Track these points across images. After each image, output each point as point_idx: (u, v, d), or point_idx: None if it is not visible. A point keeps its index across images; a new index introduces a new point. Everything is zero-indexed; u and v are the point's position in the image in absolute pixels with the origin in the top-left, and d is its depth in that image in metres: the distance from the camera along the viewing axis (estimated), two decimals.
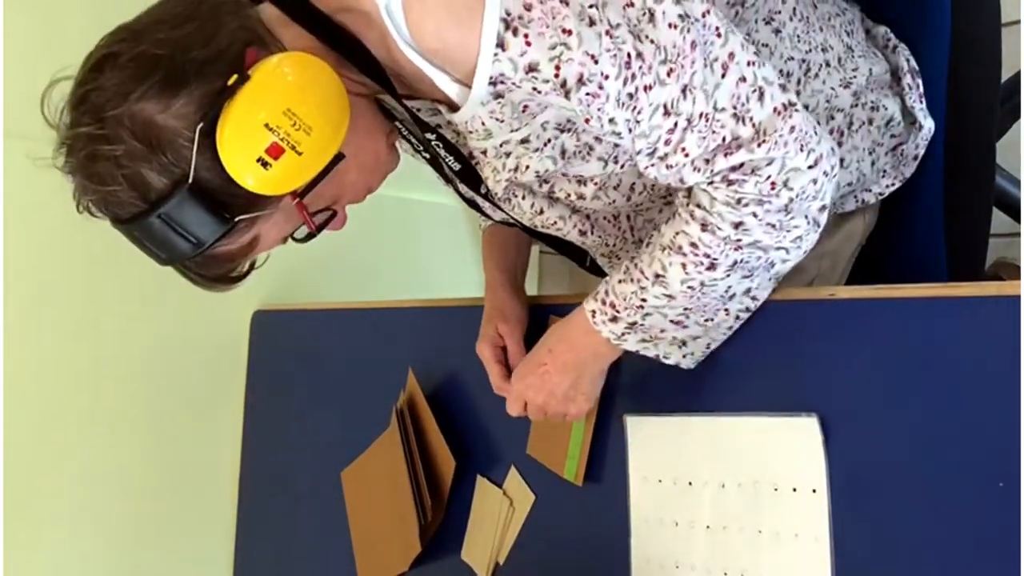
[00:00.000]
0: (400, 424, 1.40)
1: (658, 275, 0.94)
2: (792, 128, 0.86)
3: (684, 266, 0.92)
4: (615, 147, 0.92)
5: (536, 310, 1.23)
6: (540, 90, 0.82)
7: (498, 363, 1.19)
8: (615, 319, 1.00)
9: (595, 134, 0.90)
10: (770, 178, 0.87)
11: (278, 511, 1.69)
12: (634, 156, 0.89)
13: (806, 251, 0.95)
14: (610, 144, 0.92)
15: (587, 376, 1.09)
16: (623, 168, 0.95)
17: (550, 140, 0.91)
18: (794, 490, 0.98)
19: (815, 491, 0.96)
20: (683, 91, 0.83)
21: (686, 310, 0.98)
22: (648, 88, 0.82)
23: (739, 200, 0.88)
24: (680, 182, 0.89)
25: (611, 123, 0.84)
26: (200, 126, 0.81)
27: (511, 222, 1.09)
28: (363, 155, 0.93)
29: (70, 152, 0.84)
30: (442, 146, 0.96)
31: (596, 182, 0.96)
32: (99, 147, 0.81)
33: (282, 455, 1.69)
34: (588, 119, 0.84)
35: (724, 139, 0.86)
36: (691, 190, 0.91)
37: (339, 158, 0.87)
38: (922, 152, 1.11)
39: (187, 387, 1.69)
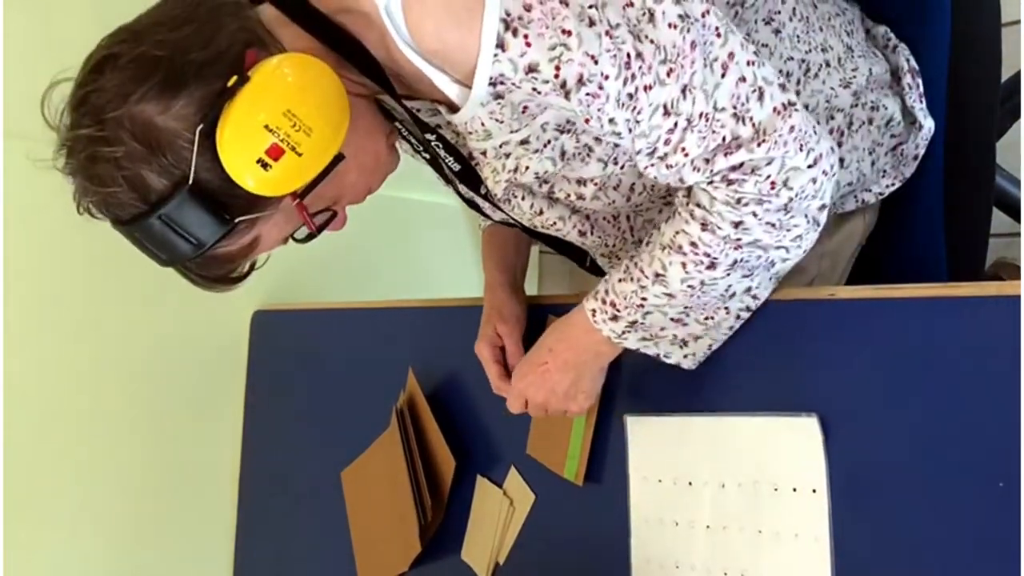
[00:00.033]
0: (400, 424, 1.40)
1: (658, 274, 0.95)
2: (792, 128, 0.86)
3: (684, 265, 0.93)
4: (614, 148, 0.92)
5: (535, 310, 1.23)
6: (540, 91, 0.82)
7: (497, 363, 1.19)
8: (616, 318, 1.00)
9: (595, 135, 0.90)
10: (770, 177, 0.87)
11: (278, 511, 1.69)
12: (634, 156, 0.89)
13: (806, 250, 0.95)
14: (609, 145, 0.92)
15: (588, 374, 1.09)
16: (623, 169, 0.95)
17: (550, 141, 0.91)
18: (794, 490, 0.98)
19: (815, 491, 0.96)
20: (683, 91, 0.83)
21: (686, 308, 0.98)
22: (648, 88, 0.82)
23: (739, 200, 0.88)
24: (680, 182, 0.90)
25: (611, 123, 0.84)
26: (200, 127, 0.81)
27: (511, 222, 1.09)
28: (363, 156, 0.93)
29: (70, 154, 0.84)
30: (442, 147, 0.96)
31: (596, 183, 0.96)
32: (99, 149, 0.81)
33: (282, 455, 1.69)
34: (588, 119, 0.84)
35: (724, 139, 0.86)
36: (691, 189, 0.91)
37: (339, 159, 0.87)
38: (922, 152, 1.11)
39: (187, 387, 1.69)
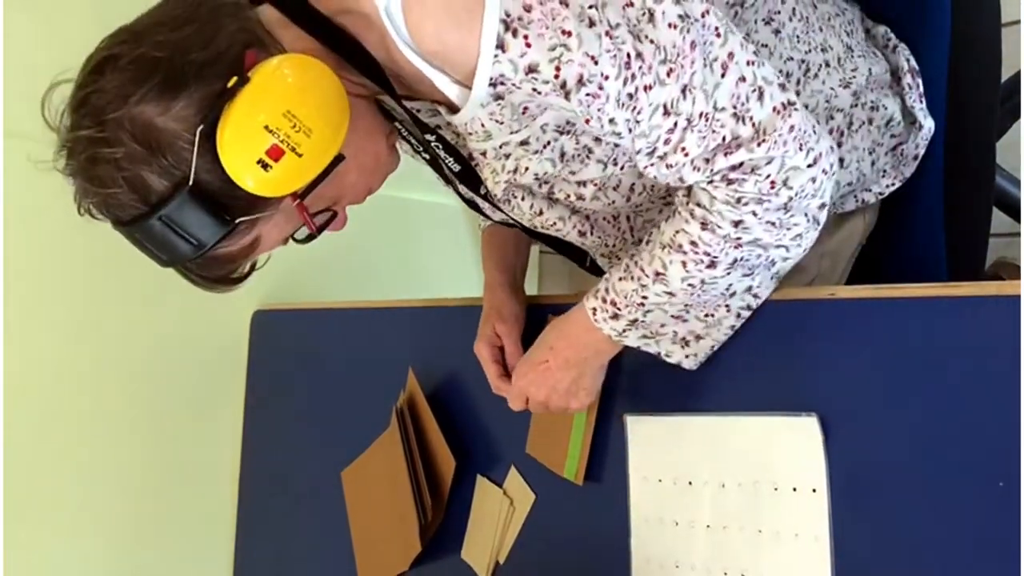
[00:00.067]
0: (400, 424, 1.40)
1: (658, 273, 0.95)
2: (791, 127, 0.86)
3: (684, 264, 0.93)
4: (614, 149, 0.92)
5: (535, 310, 1.23)
6: (540, 91, 0.82)
7: (495, 363, 1.19)
8: (616, 316, 1.00)
9: (594, 135, 0.90)
10: (769, 177, 0.87)
11: (278, 511, 1.69)
12: (634, 156, 0.89)
13: (806, 249, 0.95)
14: (609, 146, 0.92)
15: (588, 372, 1.09)
16: (622, 170, 0.95)
17: (549, 142, 0.91)
18: (794, 490, 0.98)
19: (815, 491, 0.96)
20: (683, 91, 0.83)
21: (687, 306, 0.98)
22: (648, 88, 0.82)
23: (739, 199, 0.88)
24: (680, 181, 0.90)
25: (611, 123, 0.84)
26: (200, 128, 0.81)
27: (511, 222, 1.09)
28: (363, 156, 0.93)
29: (71, 155, 0.84)
30: (442, 147, 0.96)
31: (595, 183, 0.96)
32: (99, 150, 0.81)
33: (282, 455, 1.69)
34: (588, 120, 0.84)
35: (724, 138, 0.86)
36: (691, 189, 0.91)
37: (339, 159, 0.87)
38: (922, 152, 1.11)
39: (187, 387, 1.69)
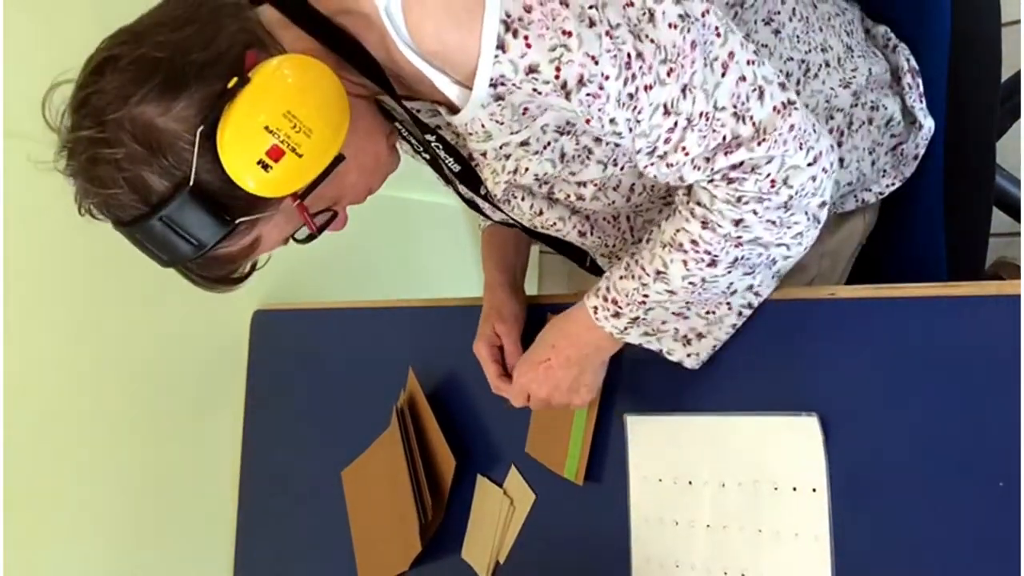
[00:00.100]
0: (400, 423, 1.40)
1: (659, 272, 0.95)
2: (791, 126, 0.86)
3: (685, 263, 0.93)
4: (614, 150, 0.92)
5: (535, 309, 1.23)
6: (540, 91, 0.82)
7: (495, 362, 1.20)
8: (618, 315, 1.00)
9: (595, 136, 0.90)
10: (770, 176, 0.87)
11: (278, 511, 1.69)
12: (634, 155, 0.89)
13: (807, 247, 0.95)
14: (609, 147, 0.92)
15: (590, 369, 1.10)
16: (622, 170, 0.95)
17: (550, 143, 0.91)
18: (794, 489, 0.98)
19: (815, 490, 0.96)
20: (683, 91, 0.83)
21: (688, 304, 0.98)
22: (648, 88, 0.83)
23: (739, 198, 0.88)
24: (680, 180, 0.90)
25: (612, 123, 0.84)
26: (200, 129, 0.81)
27: (511, 222, 1.09)
28: (363, 156, 0.93)
29: (71, 155, 0.84)
30: (442, 147, 0.96)
31: (595, 184, 0.96)
32: (100, 150, 0.81)
33: (282, 455, 1.69)
34: (589, 120, 0.84)
35: (724, 138, 0.86)
36: (691, 188, 0.91)
37: (339, 160, 0.87)
38: (922, 152, 1.11)
39: (187, 387, 1.69)
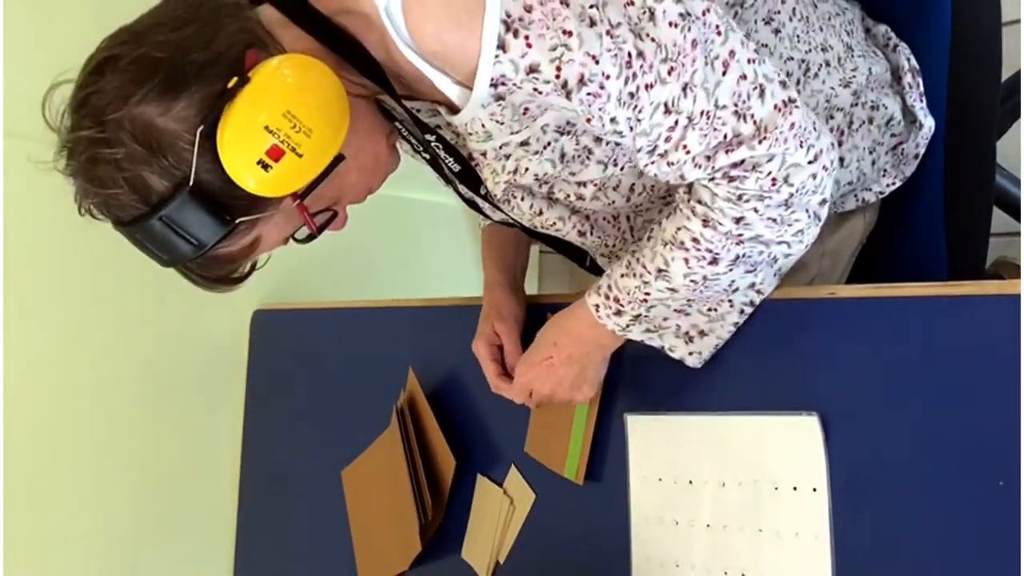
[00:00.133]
0: (400, 423, 1.40)
1: (661, 270, 0.95)
2: (792, 125, 0.86)
3: (687, 261, 0.93)
4: (614, 150, 0.93)
5: (535, 309, 1.23)
6: (541, 91, 0.82)
7: (494, 361, 1.20)
8: (620, 312, 1.01)
9: (595, 135, 0.90)
10: (770, 174, 0.87)
11: (278, 511, 1.69)
12: (635, 154, 0.89)
13: (808, 244, 0.96)
14: (609, 147, 0.92)
15: (592, 365, 1.10)
16: (622, 170, 0.95)
17: (550, 143, 0.91)
18: (794, 489, 0.98)
19: (815, 490, 0.96)
20: (684, 89, 0.83)
21: (689, 301, 0.99)
22: (649, 87, 0.83)
23: (740, 196, 0.88)
24: (681, 178, 0.90)
25: (612, 122, 0.84)
26: (200, 129, 0.81)
27: (511, 222, 1.09)
28: (363, 156, 0.93)
29: (71, 155, 0.84)
30: (442, 147, 0.96)
31: (595, 183, 0.96)
32: (100, 150, 0.81)
33: (282, 455, 1.69)
34: (589, 119, 0.84)
35: (725, 136, 0.86)
36: (691, 186, 0.92)
37: (339, 159, 0.87)
38: (922, 151, 1.12)
39: (187, 387, 1.69)
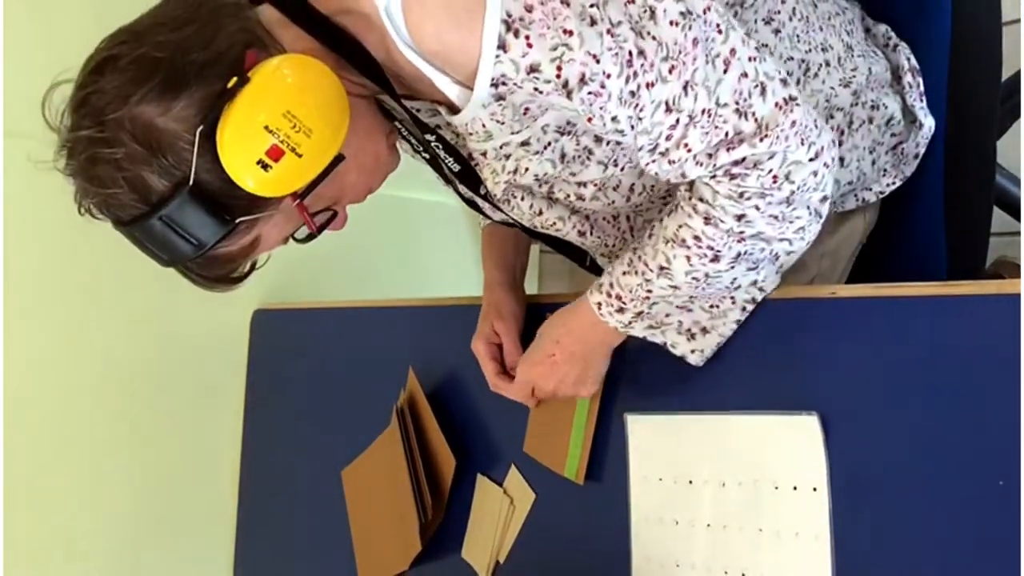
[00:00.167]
0: (400, 423, 1.40)
1: (662, 267, 0.95)
2: (793, 122, 0.86)
3: (688, 259, 0.93)
4: (615, 150, 0.93)
5: (535, 308, 1.23)
6: (542, 91, 0.82)
7: (493, 360, 1.20)
8: (622, 310, 1.01)
9: (595, 135, 0.90)
10: (772, 172, 0.87)
11: (278, 511, 1.69)
12: (636, 152, 0.89)
13: (809, 241, 0.96)
14: (609, 147, 0.92)
15: (595, 362, 1.11)
16: (623, 171, 0.95)
17: (550, 143, 0.91)
18: (795, 489, 0.98)
19: (815, 490, 0.96)
20: (684, 88, 0.83)
21: (691, 298, 0.99)
22: (650, 85, 0.83)
23: (741, 193, 0.88)
24: (682, 177, 0.90)
25: (613, 121, 0.84)
26: (200, 129, 0.81)
27: (511, 222, 1.09)
28: (363, 156, 0.93)
29: (71, 155, 0.84)
30: (441, 147, 0.96)
31: (595, 183, 0.96)
32: (99, 150, 0.81)
33: (282, 455, 1.69)
34: (590, 118, 0.84)
35: (727, 134, 0.86)
36: (693, 184, 0.92)
37: (339, 159, 0.87)
38: (922, 151, 1.12)
39: (187, 387, 1.69)
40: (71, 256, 1.50)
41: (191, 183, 0.82)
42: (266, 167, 0.82)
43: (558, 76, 0.80)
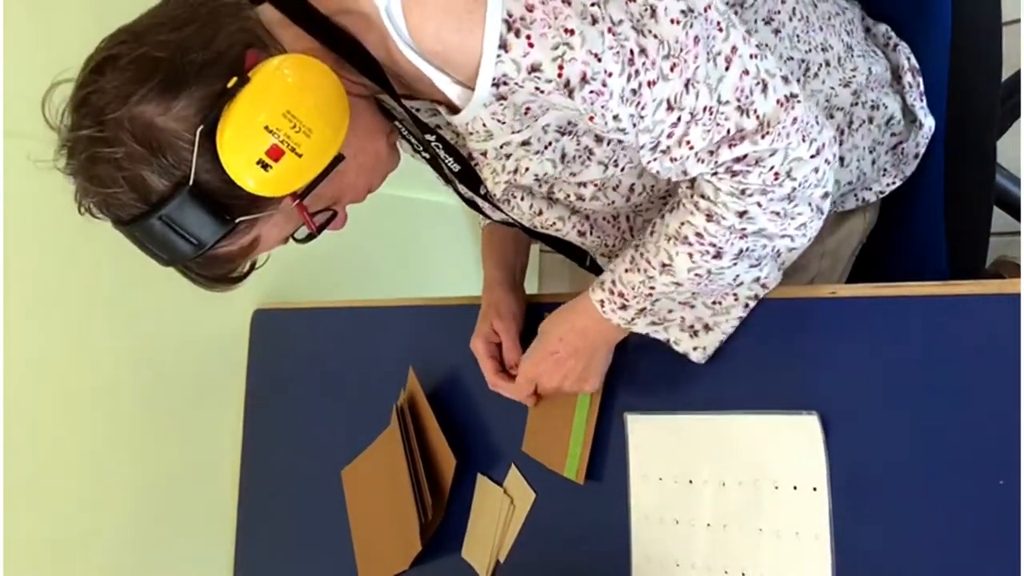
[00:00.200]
0: (400, 422, 1.40)
1: (665, 264, 0.95)
2: (795, 119, 0.86)
3: (691, 255, 0.93)
4: (615, 150, 0.93)
5: (535, 308, 1.23)
6: (543, 90, 0.82)
7: (492, 359, 1.20)
8: (624, 307, 1.01)
9: (596, 135, 0.90)
10: (773, 168, 0.87)
11: (278, 511, 1.69)
12: (637, 151, 0.89)
13: (811, 238, 0.96)
14: (610, 147, 0.92)
15: (598, 358, 1.11)
16: (623, 171, 0.95)
17: (551, 143, 0.91)
18: (795, 488, 0.98)
19: (815, 489, 0.96)
20: (686, 85, 0.83)
21: (694, 295, 0.99)
22: (652, 83, 0.83)
23: (743, 190, 0.88)
24: (683, 174, 0.90)
25: (615, 120, 0.84)
26: (200, 128, 0.81)
27: (511, 222, 1.09)
28: (363, 156, 0.93)
29: (71, 154, 0.84)
30: (441, 147, 0.96)
31: (596, 184, 0.96)
32: (100, 149, 0.81)
33: (282, 455, 1.69)
34: (592, 117, 0.84)
35: (728, 131, 0.86)
36: (694, 181, 0.92)
37: (339, 159, 0.87)
38: (922, 150, 1.12)
39: (187, 387, 1.69)
40: (71, 256, 1.50)
41: (191, 183, 0.82)
42: (266, 167, 0.82)
43: (559, 75, 0.80)
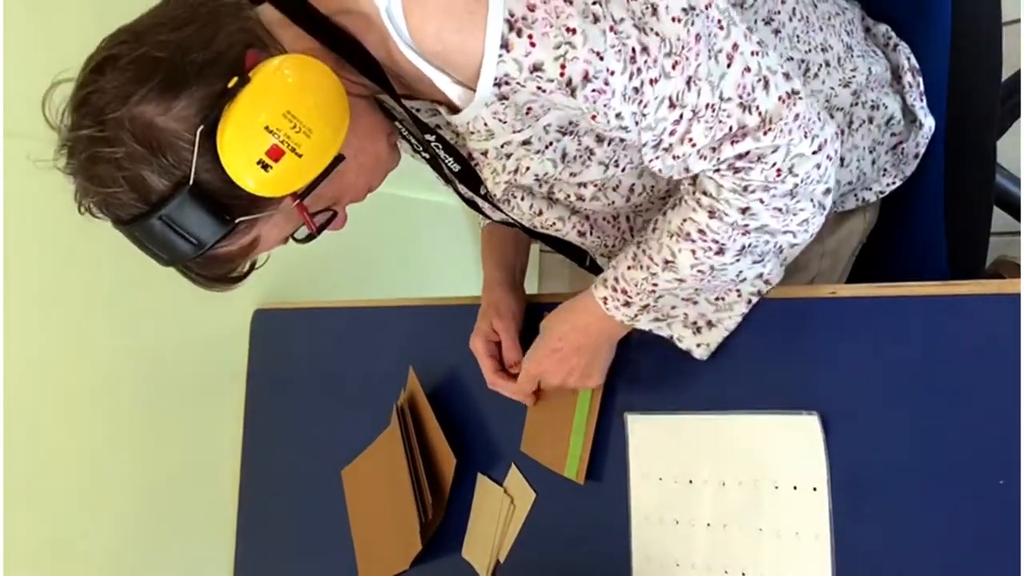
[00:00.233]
0: (401, 422, 1.40)
1: (667, 261, 0.95)
2: (796, 116, 0.86)
3: (693, 252, 0.93)
4: (615, 151, 0.93)
5: (535, 308, 1.23)
6: (545, 89, 0.82)
7: (491, 358, 1.20)
8: (628, 304, 1.01)
9: (597, 135, 0.90)
10: (775, 165, 0.87)
11: (278, 511, 1.69)
12: (639, 149, 0.89)
13: (813, 234, 0.96)
14: (611, 148, 0.92)
15: (600, 354, 1.11)
16: (623, 171, 0.95)
17: (552, 143, 0.91)
18: (795, 488, 0.98)
19: (816, 489, 0.96)
20: (688, 83, 0.83)
21: (697, 291, 1.00)
22: (654, 81, 0.83)
23: (745, 187, 0.88)
24: (686, 171, 0.90)
25: (618, 118, 0.84)
26: (200, 128, 0.81)
27: (511, 222, 1.09)
28: (363, 156, 0.93)
29: (71, 154, 0.84)
30: (441, 147, 0.96)
31: (596, 184, 0.96)
32: (100, 149, 0.81)
33: (282, 455, 1.69)
34: (594, 116, 0.84)
35: (731, 128, 0.86)
36: (696, 177, 0.92)
37: (339, 159, 0.87)
38: (923, 150, 1.12)
39: (187, 387, 1.69)
40: (71, 256, 1.50)
41: (191, 183, 0.82)
42: (266, 167, 0.82)
43: (562, 75, 0.80)
